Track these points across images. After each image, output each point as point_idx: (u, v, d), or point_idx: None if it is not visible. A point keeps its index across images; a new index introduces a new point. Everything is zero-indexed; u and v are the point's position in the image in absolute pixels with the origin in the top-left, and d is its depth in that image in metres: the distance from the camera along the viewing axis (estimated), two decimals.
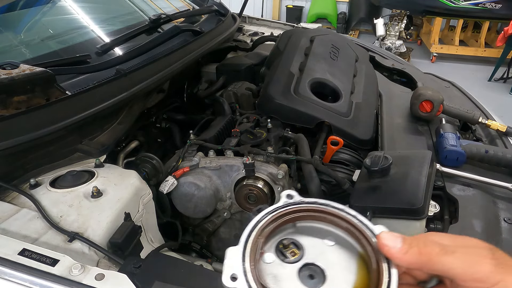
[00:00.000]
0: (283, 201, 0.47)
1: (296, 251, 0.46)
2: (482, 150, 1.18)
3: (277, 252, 0.46)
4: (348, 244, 0.46)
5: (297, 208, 0.47)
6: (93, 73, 1.23)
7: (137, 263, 0.76)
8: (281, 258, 0.46)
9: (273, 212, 0.46)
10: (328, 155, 1.26)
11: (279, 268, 0.45)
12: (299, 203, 0.47)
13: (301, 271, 0.45)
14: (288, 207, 0.47)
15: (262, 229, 0.45)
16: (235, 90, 1.55)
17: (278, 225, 0.46)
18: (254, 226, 0.45)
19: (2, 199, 0.90)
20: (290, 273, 0.44)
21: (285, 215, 0.46)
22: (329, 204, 0.46)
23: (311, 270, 0.45)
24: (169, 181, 1.14)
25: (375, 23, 5.99)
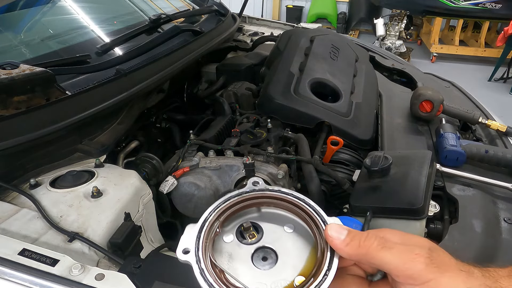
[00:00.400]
0: (248, 187, 0.50)
1: (255, 234, 0.49)
2: (482, 150, 1.18)
3: (237, 234, 0.49)
4: (306, 233, 0.49)
5: (261, 194, 0.50)
6: (93, 73, 1.23)
7: (137, 263, 0.75)
8: (240, 239, 0.49)
9: (236, 196, 0.49)
10: (328, 155, 1.26)
11: (235, 248, 0.48)
12: (263, 190, 0.50)
13: (255, 253, 0.48)
14: (252, 193, 0.50)
15: (223, 211, 0.48)
16: (235, 90, 1.55)
17: (241, 208, 0.50)
18: (215, 207, 0.48)
19: (2, 199, 0.90)
20: (245, 253, 0.48)
21: (248, 199, 0.50)
22: (291, 194, 0.49)
23: (265, 253, 0.48)
24: (169, 181, 1.14)
25: (375, 23, 5.99)
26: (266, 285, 0.45)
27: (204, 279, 0.43)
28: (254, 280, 0.45)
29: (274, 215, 0.51)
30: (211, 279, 0.43)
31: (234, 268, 0.46)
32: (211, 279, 0.43)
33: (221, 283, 0.44)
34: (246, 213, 0.51)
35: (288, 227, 0.50)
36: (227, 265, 0.46)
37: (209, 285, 0.43)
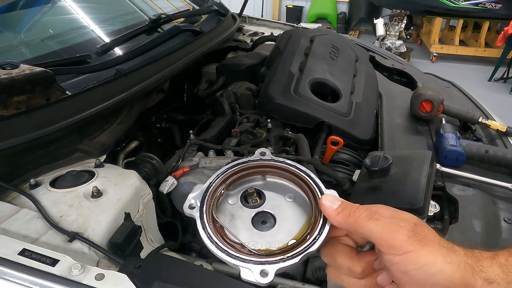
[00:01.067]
0: (255, 156, 0.54)
1: (258, 199, 0.54)
2: (482, 150, 1.18)
3: (241, 198, 0.54)
4: (304, 202, 0.53)
5: (267, 164, 0.54)
6: (93, 73, 1.23)
7: (137, 263, 0.75)
8: (243, 203, 0.53)
9: (243, 163, 0.54)
10: (328, 155, 1.26)
11: (238, 210, 0.53)
12: (269, 160, 0.54)
13: (256, 216, 0.52)
14: (258, 161, 0.54)
15: (230, 175, 0.53)
16: (235, 90, 1.55)
17: (247, 174, 0.54)
18: (223, 171, 0.53)
19: (2, 199, 0.90)
20: (246, 215, 0.52)
21: (255, 167, 0.54)
22: (293, 165, 0.53)
23: (265, 217, 0.52)
24: (169, 181, 1.14)
25: (375, 23, 5.99)
26: (261, 244, 0.49)
27: (204, 232, 0.48)
28: (250, 238, 0.49)
29: (277, 184, 0.55)
30: (211, 232, 0.48)
31: (234, 227, 0.51)
32: (211, 232, 0.48)
33: (219, 237, 0.48)
34: (252, 180, 0.55)
35: (289, 196, 0.54)
36: (228, 224, 0.51)
37: (209, 238, 0.47)
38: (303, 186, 0.53)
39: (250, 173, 0.54)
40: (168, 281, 0.73)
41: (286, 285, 1.16)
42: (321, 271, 1.22)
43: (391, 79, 1.96)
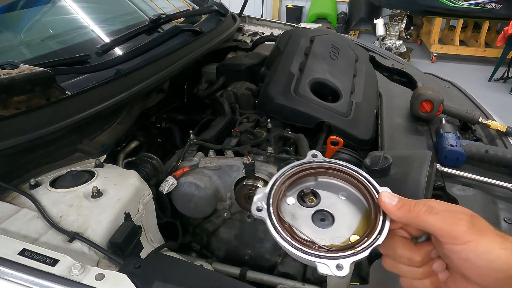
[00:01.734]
0: (308, 158, 0.58)
1: (314, 199, 0.57)
2: (482, 150, 1.18)
3: (298, 198, 0.57)
4: (358, 200, 0.56)
5: (319, 165, 0.57)
6: (93, 73, 1.23)
7: (137, 263, 0.76)
8: (301, 203, 0.56)
9: (298, 166, 0.57)
10: (328, 155, 1.26)
11: (297, 210, 0.56)
12: (321, 162, 0.57)
13: (314, 214, 0.55)
14: (311, 164, 0.57)
15: (287, 177, 0.56)
16: (235, 90, 1.55)
17: (302, 176, 0.57)
18: (281, 174, 0.56)
19: (2, 199, 0.90)
20: (306, 214, 0.55)
21: (308, 169, 0.57)
22: (346, 165, 0.57)
23: (323, 215, 0.55)
24: (169, 181, 1.14)
25: (375, 23, 5.99)
26: (325, 240, 0.52)
27: (276, 231, 0.51)
28: (314, 236, 0.52)
29: (329, 183, 0.58)
30: (283, 232, 0.51)
31: (298, 226, 0.54)
32: (283, 232, 0.51)
33: (290, 236, 0.51)
34: (305, 181, 0.58)
35: (342, 194, 0.57)
36: (292, 223, 0.54)
37: (281, 236, 0.50)
38: (355, 183, 0.56)
39: (305, 174, 0.57)
40: (168, 281, 0.73)
41: (286, 285, 1.16)
42: None
43: (391, 79, 1.96)
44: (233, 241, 1.33)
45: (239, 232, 1.31)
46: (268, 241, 1.29)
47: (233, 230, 1.31)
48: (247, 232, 1.29)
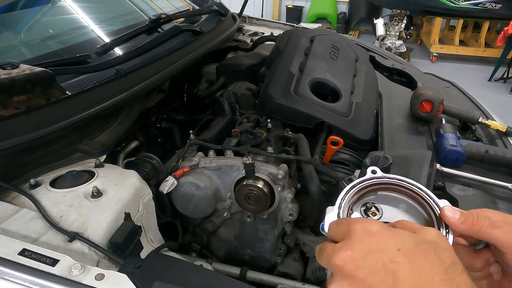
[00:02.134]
0: (368, 175, 0.60)
1: (376, 212, 0.58)
2: (482, 150, 1.18)
3: (361, 212, 0.59)
4: (417, 212, 0.58)
5: (380, 181, 0.59)
6: (93, 73, 1.23)
7: (137, 263, 0.76)
8: (364, 217, 0.58)
9: (361, 183, 0.59)
10: (328, 155, 1.26)
11: None
12: (381, 178, 0.59)
13: None
14: (372, 180, 0.59)
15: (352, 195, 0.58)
16: (235, 90, 1.55)
17: (364, 193, 0.59)
18: (347, 191, 0.58)
19: (2, 199, 0.90)
20: None
21: (370, 186, 0.59)
22: (405, 180, 0.58)
23: None
24: (169, 181, 1.14)
25: (375, 23, 6.00)
26: None
27: None
28: None
29: (389, 196, 0.59)
30: None
31: None
32: None
33: None
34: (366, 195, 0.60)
35: (402, 207, 0.59)
36: None
37: None
38: (415, 197, 0.58)
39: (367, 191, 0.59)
40: (168, 281, 0.73)
41: (286, 285, 1.16)
42: (320, 271, 1.22)
43: (391, 79, 1.96)
44: (233, 241, 1.33)
45: (239, 232, 1.31)
46: (268, 241, 1.29)
47: (233, 230, 1.31)
48: (247, 232, 1.29)
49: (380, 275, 0.41)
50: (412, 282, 0.40)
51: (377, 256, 0.42)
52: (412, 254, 0.42)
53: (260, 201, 1.15)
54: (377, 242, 0.43)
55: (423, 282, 0.40)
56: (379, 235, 0.44)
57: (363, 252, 0.43)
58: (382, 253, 0.42)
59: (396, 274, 0.41)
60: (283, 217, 1.21)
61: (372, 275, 0.41)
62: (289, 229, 1.24)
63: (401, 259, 0.42)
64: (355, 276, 0.42)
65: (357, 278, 0.42)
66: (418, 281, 0.40)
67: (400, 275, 0.40)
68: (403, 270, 0.41)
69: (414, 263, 0.41)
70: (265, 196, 1.14)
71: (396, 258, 0.42)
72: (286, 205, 1.19)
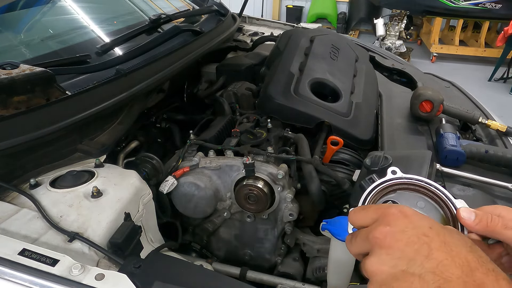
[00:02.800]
0: (389, 176, 0.62)
1: None
2: (482, 150, 1.18)
3: None
4: (435, 210, 0.61)
5: (399, 182, 0.62)
6: (93, 73, 1.23)
7: (137, 263, 0.76)
8: None
9: (383, 184, 0.62)
10: (328, 155, 1.26)
11: None
12: (401, 178, 0.62)
13: None
14: (392, 181, 0.62)
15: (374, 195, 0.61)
16: (235, 90, 1.55)
17: (385, 193, 0.62)
18: (368, 193, 0.61)
19: (2, 199, 0.90)
20: None
21: (390, 186, 0.62)
22: (423, 180, 0.61)
23: None
24: (169, 181, 1.14)
25: (375, 23, 5.99)
26: None
27: None
28: None
29: (408, 195, 0.62)
30: None
31: None
32: None
33: None
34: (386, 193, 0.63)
35: (420, 204, 0.61)
36: None
37: None
38: (432, 196, 0.61)
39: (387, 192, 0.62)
40: (168, 281, 0.73)
41: (286, 285, 1.16)
42: (321, 271, 1.22)
43: (391, 79, 1.96)
44: (233, 241, 1.33)
45: (239, 232, 1.31)
46: (268, 241, 1.30)
47: (233, 230, 1.31)
48: (247, 232, 1.29)
49: (416, 246, 0.46)
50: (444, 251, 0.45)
51: (413, 231, 0.48)
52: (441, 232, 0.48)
53: (260, 201, 1.15)
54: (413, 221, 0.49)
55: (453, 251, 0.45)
56: (414, 217, 0.50)
57: (401, 227, 0.48)
58: (417, 229, 0.48)
59: (430, 245, 0.46)
60: (283, 217, 1.21)
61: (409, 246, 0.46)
62: (289, 229, 1.24)
63: (433, 234, 0.47)
64: (394, 246, 0.47)
65: (396, 248, 0.47)
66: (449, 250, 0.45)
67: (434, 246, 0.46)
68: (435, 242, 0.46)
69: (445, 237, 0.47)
70: (265, 196, 1.14)
71: (429, 233, 0.47)
72: (286, 205, 1.19)
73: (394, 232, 0.48)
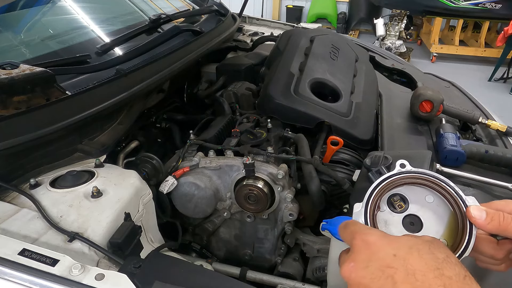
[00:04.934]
0: (397, 169, 0.61)
1: (403, 204, 0.60)
2: (482, 150, 1.18)
3: (388, 204, 0.61)
4: (443, 205, 0.59)
5: (408, 175, 0.60)
6: (93, 73, 1.23)
7: (137, 263, 0.76)
8: (391, 209, 0.60)
9: (390, 178, 0.60)
10: (328, 155, 1.26)
11: (388, 216, 0.60)
12: (410, 172, 0.60)
13: (404, 219, 0.60)
14: (401, 175, 0.60)
15: (380, 190, 0.60)
16: (235, 90, 1.55)
17: (393, 186, 0.61)
18: (375, 187, 0.60)
19: (2, 199, 0.90)
20: (397, 220, 0.60)
21: (398, 180, 0.60)
22: (434, 175, 0.60)
23: (412, 219, 0.59)
24: (169, 181, 1.14)
25: (375, 23, 6.00)
26: None
27: None
28: None
29: (416, 190, 0.61)
30: None
31: (390, 232, 0.58)
32: None
33: None
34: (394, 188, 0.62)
35: (428, 199, 0.60)
36: (385, 229, 0.58)
37: None
38: (441, 191, 0.59)
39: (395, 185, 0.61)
40: (168, 281, 0.73)
41: (286, 285, 1.16)
42: (321, 271, 1.22)
43: (391, 79, 1.96)
44: (233, 241, 1.33)
45: (239, 232, 1.31)
46: (268, 241, 1.30)
47: (233, 230, 1.31)
48: (247, 232, 1.29)
49: (380, 281, 0.45)
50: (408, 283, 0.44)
51: (376, 264, 0.47)
52: (407, 257, 0.46)
53: (260, 201, 1.15)
54: (375, 252, 0.48)
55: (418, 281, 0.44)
56: (377, 245, 0.49)
57: (364, 262, 0.48)
58: (380, 261, 0.47)
59: (394, 277, 0.45)
60: (283, 217, 1.21)
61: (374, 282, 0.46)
62: (289, 229, 1.24)
63: (397, 264, 0.46)
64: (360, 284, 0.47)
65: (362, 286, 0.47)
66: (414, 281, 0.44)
67: (398, 278, 0.44)
68: (399, 273, 0.45)
69: (410, 265, 0.45)
70: (265, 196, 1.14)
71: (392, 263, 0.46)
72: (286, 205, 1.19)
73: (357, 269, 0.48)
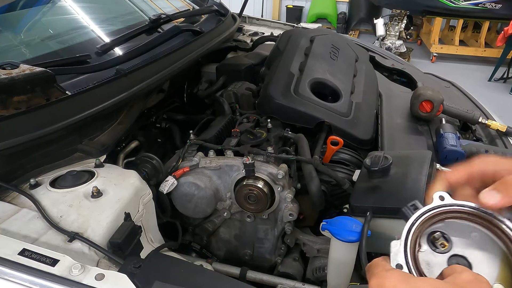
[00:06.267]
0: (436, 202, 0.54)
1: (445, 243, 0.52)
2: (482, 150, 1.18)
3: (429, 243, 0.53)
4: (492, 242, 0.51)
5: (449, 209, 0.53)
6: (93, 73, 1.23)
7: (137, 263, 0.76)
8: (433, 248, 0.52)
9: (428, 212, 0.53)
10: (328, 155, 1.26)
11: (431, 257, 0.52)
12: (450, 205, 0.53)
13: (449, 260, 0.51)
14: (440, 208, 0.53)
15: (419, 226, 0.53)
16: (235, 90, 1.55)
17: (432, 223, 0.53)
18: (413, 223, 0.53)
19: (2, 199, 0.90)
20: (441, 261, 0.51)
21: (438, 214, 0.53)
22: (477, 208, 0.52)
23: (458, 260, 0.51)
24: (169, 181, 1.14)
25: (375, 23, 6.00)
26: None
27: None
28: None
29: (459, 225, 0.53)
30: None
31: (434, 275, 0.50)
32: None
33: None
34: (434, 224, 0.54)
35: (474, 236, 0.52)
36: (427, 272, 0.50)
37: None
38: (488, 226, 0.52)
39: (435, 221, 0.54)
40: (168, 281, 0.73)
41: (286, 285, 1.16)
42: (321, 271, 1.22)
43: (391, 79, 1.96)
44: (233, 241, 1.33)
45: (239, 232, 1.31)
46: (268, 241, 1.30)
47: (233, 230, 1.31)
48: (247, 232, 1.29)
49: None
50: None
51: None
52: None
53: (260, 201, 1.15)
54: None
55: None
56: None
57: None
58: None
59: None
60: (283, 217, 1.21)
61: None
62: (289, 229, 1.24)
63: None
64: None
65: None
66: None
67: None
68: None
69: None
70: (265, 196, 1.14)
71: None
72: (286, 205, 1.19)
73: None
